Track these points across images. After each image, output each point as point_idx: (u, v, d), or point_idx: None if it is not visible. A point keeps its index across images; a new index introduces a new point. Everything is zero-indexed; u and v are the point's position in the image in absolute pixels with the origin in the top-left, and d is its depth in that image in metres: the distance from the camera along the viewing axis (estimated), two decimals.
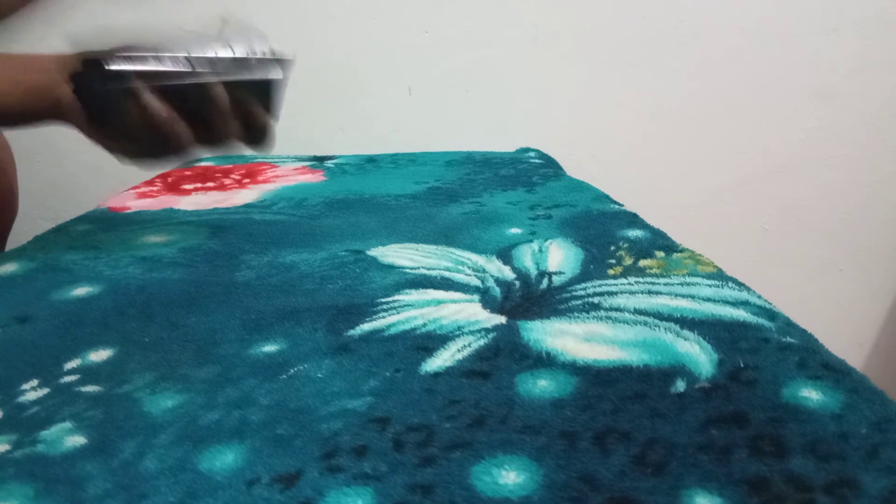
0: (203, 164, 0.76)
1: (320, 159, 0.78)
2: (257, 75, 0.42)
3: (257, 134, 0.44)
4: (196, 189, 0.63)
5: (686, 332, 0.29)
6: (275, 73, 0.43)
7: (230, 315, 0.33)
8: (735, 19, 0.88)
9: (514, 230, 0.46)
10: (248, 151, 0.46)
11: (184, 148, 0.42)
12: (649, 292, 0.34)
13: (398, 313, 0.33)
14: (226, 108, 0.41)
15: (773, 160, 0.93)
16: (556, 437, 0.22)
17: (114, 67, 0.39)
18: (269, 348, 0.30)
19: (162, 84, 0.40)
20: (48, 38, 0.50)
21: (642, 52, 0.89)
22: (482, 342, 0.29)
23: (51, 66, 0.43)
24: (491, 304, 0.34)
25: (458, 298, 0.34)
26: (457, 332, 0.30)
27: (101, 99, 0.40)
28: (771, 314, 0.30)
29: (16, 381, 0.28)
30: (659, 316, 0.31)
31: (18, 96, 0.43)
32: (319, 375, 0.27)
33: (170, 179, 0.67)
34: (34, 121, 0.44)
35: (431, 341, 0.30)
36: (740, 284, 0.34)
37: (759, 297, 0.33)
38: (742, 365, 0.26)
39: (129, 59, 0.39)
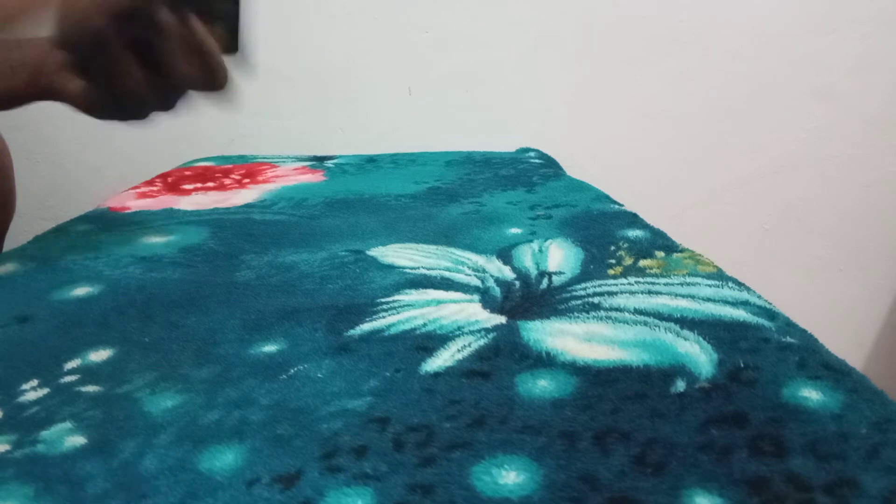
0: (203, 164, 0.76)
1: (320, 159, 0.78)
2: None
3: (210, 75, 0.39)
4: (196, 189, 0.63)
5: (686, 332, 0.29)
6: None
7: (230, 315, 0.33)
8: (735, 19, 0.88)
9: (514, 230, 0.46)
10: (205, 100, 0.41)
11: (137, 90, 0.38)
12: (649, 292, 0.34)
13: (398, 313, 0.33)
14: (174, 36, 0.37)
15: (773, 160, 0.93)
16: (556, 437, 0.22)
17: None
18: (269, 348, 0.30)
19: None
20: None
21: (642, 52, 0.89)
22: (482, 342, 0.29)
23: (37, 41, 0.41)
24: (491, 304, 0.34)
25: (458, 298, 0.34)
26: (457, 332, 0.30)
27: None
28: (771, 314, 0.30)
29: (16, 381, 0.28)
30: (659, 316, 0.31)
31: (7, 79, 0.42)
32: (319, 375, 0.27)
33: (170, 179, 0.67)
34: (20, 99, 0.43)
35: (431, 341, 0.30)
36: (740, 284, 0.34)
37: (759, 297, 0.33)
38: (742, 365, 0.26)
39: None
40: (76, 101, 0.40)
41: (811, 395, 0.24)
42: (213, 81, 0.40)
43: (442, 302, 0.34)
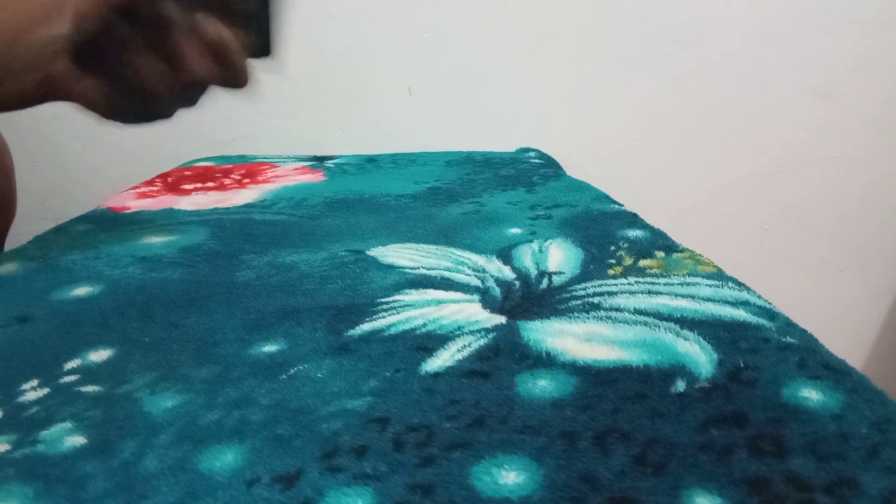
0: (203, 164, 0.76)
1: (320, 159, 0.78)
2: None
3: (228, 72, 0.40)
4: (196, 189, 0.63)
5: (686, 332, 0.29)
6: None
7: (230, 315, 0.33)
8: (735, 19, 0.88)
9: (514, 230, 0.46)
10: (226, 94, 0.42)
11: (155, 88, 0.39)
12: (649, 292, 0.34)
13: (398, 313, 0.33)
14: (181, 28, 0.38)
15: (773, 160, 0.93)
16: (556, 437, 0.22)
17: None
18: (269, 348, 0.30)
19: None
20: None
21: (642, 52, 0.89)
22: (482, 342, 0.29)
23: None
24: (491, 304, 0.34)
25: (458, 298, 0.34)
26: (457, 332, 0.30)
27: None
28: (771, 314, 0.30)
29: (16, 381, 0.28)
30: (659, 316, 0.31)
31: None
32: (319, 375, 0.27)
33: (170, 179, 0.67)
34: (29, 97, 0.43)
35: (431, 341, 0.30)
36: (740, 284, 0.34)
37: (759, 297, 0.33)
38: (742, 365, 0.26)
39: None
40: (89, 101, 0.40)
41: (811, 395, 0.24)
42: (232, 79, 0.41)
43: (442, 302, 0.34)
